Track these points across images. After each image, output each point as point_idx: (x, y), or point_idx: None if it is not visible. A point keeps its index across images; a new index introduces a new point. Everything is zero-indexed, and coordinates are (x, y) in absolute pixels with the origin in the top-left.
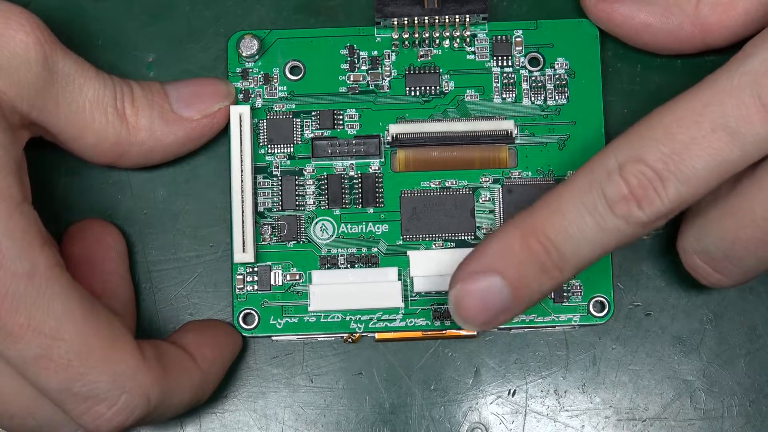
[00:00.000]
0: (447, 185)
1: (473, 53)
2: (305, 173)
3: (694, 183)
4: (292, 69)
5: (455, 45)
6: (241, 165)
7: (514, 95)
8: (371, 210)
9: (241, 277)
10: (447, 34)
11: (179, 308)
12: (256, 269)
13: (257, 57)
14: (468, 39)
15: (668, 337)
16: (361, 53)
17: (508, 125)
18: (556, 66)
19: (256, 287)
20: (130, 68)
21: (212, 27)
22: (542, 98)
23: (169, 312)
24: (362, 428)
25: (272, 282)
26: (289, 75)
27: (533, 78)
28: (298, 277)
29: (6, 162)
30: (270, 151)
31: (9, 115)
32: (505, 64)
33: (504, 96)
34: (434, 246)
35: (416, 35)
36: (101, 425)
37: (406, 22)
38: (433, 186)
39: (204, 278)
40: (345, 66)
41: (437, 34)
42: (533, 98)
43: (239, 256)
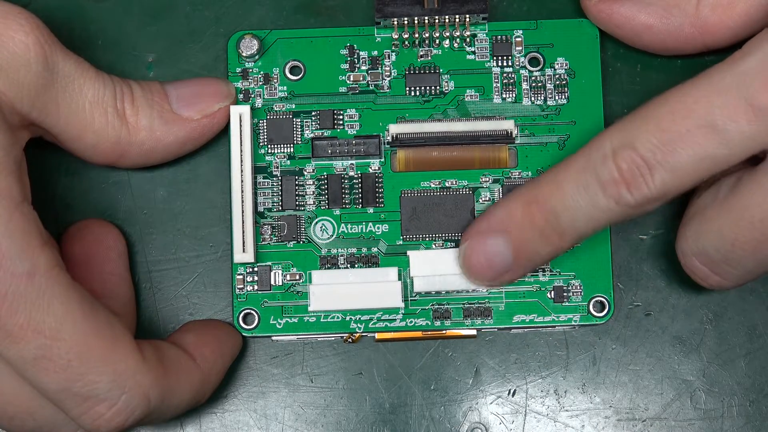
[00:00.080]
0: (447, 185)
1: (473, 53)
2: (305, 173)
3: (680, 174)
4: (292, 69)
5: (455, 45)
6: (241, 165)
7: (514, 95)
8: (371, 210)
9: (241, 277)
10: (447, 34)
11: (179, 308)
12: (256, 269)
13: (257, 57)
14: (468, 39)
15: (668, 337)
16: (361, 53)
17: (508, 125)
18: (556, 66)
19: (256, 287)
20: (130, 68)
21: (212, 27)
22: (542, 98)
23: (169, 312)
24: (362, 428)
25: (272, 282)
26: (289, 75)
27: (533, 78)
28: (298, 277)
29: (6, 162)
30: (270, 151)
31: (9, 116)
32: (505, 64)
33: (504, 96)
34: (434, 246)
35: (416, 35)
36: (101, 425)
37: (406, 22)
38: (433, 186)
39: (204, 278)
40: (345, 66)
41: (437, 34)
42: (533, 98)
43: (239, 256)
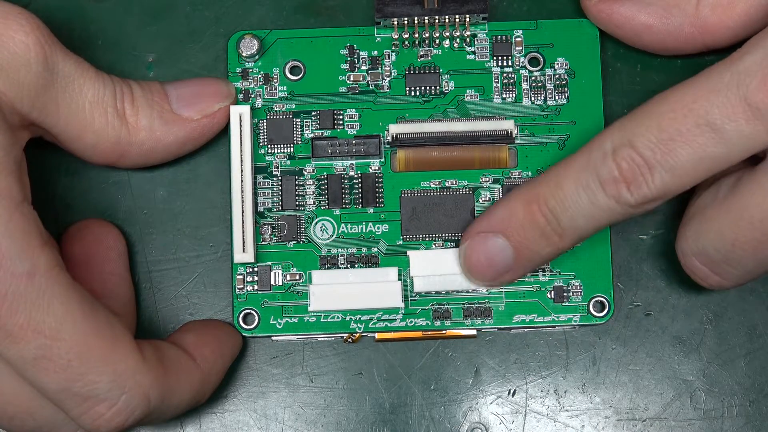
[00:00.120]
0: (447, 185)
1: (473, 53)
2: (305, 173)
3: (680, 174)
4: (292, 69)
5: (455, 45)
6: (241, 165)
7: (514, 95)
8: (371, 210)
9: (241, 277)
10: (447, 34)
11: (179, 308)
12: (256, 269)
13: (257, 57)
14: (468, 39)
15: (668, 337)
16: (361, 53)
17: (508, 125)
18: (556, 66)
19: (256, 287)
20: (130, 68)
21: (212, 27)
22: (542, 98)
23: (169, 312)
24: (362, 428)
25: (272, 282)
26: (289, 75)
27: (533, 78)
28: (298, 277)
29: (6, 162)
30: (270, 151)
31: (9, 116)
32: (505, 64)
33: (504, 96)
34: (434, 246)
35: (416, 35)
36: (101, 425)
37: (406, 22)
38: (433, 186)
39: (204, 278)
40: (345, 66)
41: (437, 34)
42: (533, 98)
43: (239, 256)
